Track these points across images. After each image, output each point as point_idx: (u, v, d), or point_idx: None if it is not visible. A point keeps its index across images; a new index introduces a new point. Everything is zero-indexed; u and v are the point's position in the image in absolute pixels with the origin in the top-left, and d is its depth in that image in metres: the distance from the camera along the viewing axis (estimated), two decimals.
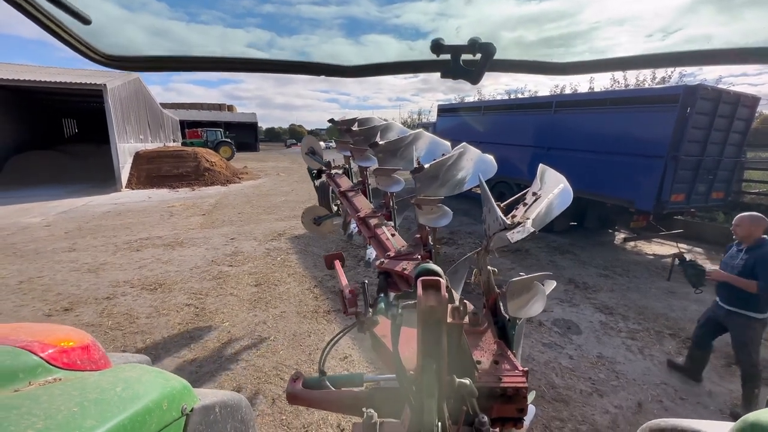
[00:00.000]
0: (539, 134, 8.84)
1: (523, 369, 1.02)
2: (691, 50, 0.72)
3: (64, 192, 12.47)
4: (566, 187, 1.43)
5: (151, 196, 12.36)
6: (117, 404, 0.62)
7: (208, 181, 15.36)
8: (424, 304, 0.76)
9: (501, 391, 0.97)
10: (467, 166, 1.61)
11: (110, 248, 6.75)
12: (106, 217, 9.29)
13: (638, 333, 4.20)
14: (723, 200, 7.55)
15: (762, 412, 0.64)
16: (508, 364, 1.04)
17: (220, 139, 28.21)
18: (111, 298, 4.77)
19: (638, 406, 3.05)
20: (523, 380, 0.98)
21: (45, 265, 5.85)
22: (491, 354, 1.08)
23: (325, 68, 0.83)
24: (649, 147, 6.46)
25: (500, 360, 1.06)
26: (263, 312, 4.47)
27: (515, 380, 0.98)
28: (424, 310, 0.76)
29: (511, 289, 1.15)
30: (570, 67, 0.80)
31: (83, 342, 0.81)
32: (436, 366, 0.78)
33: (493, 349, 1.11)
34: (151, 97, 20.54)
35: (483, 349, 1.10)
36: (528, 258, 6.77)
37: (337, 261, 1.63)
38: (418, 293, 0.78)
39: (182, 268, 5.81)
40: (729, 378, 3.43)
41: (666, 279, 4.44)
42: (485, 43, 0.71)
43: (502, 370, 1.02)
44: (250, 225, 8.64)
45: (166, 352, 3.64)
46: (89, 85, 12.90)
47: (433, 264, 0.97)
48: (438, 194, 1.51)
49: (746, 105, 6.87)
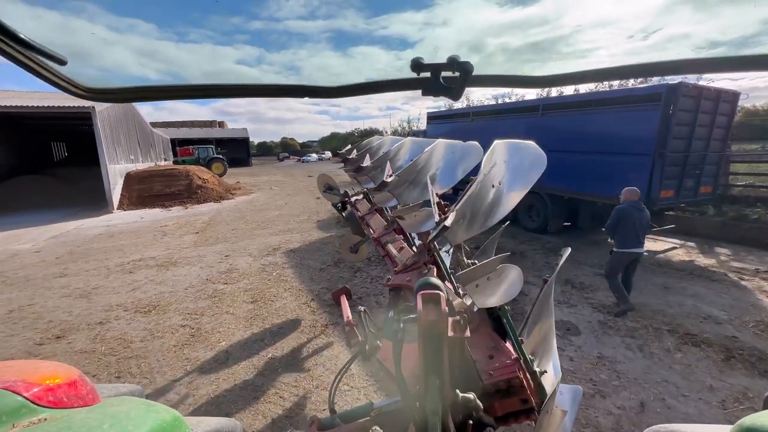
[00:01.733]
0: (528, 137, 8.89)
1: (515, 357, 1.00)
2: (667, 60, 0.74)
3: (54, 216, 12.32)
4: (522, 156, 1.38)
5: (143, 217, 12.25)
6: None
7: (200, 198, 15.28)
8: (424, 318, 0.75)
9: (493, 387, 0.95)
10: (438, 164, 1.61)
11: (102, 272, 6.65)
12: (98, 239, 9.17)
13: (637, 331, 4.20)
14: (711, 194, 7.67)
15: (759, 414, 0.64)
16: (502, 356, 1.02)
17: (212, 155, 28.18)
18: (104, 322, 4.68)
19: (641, 405, 3.04)
20: (512, 370, 0.96)
21: (35, 293, 5.73)
22: (487, 349, 1.07)
23: (310, 90, 0.84)
24: (635, 145, 6.56)
25: (495, 353, 1.04)
26: (260, 329, 4.41)
27: (505, 372, 0.96)
28: (424, 324, 0.75)
29: (463, 281, 1.11)
30: (546, 81, 0.82)
31: (70, 378, 0.79)
32: (439, 382, 0.77)
33: (488, 343, 1.09)
34: (140, 117, 20.51)
35: (478, 346, 1.09)
36: (524, 260, 6.78)
37: (342, 296, 1.63)
38: (417, 308, 0.77)
39: (176, 289, 5.74)
40: (729, 372, 3.44)
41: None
42: (463, 61, 0.72)
43: (494, 364, 1.00)
44: (245, 241, 8.58)
45: (161, 376, 3.56)
46: (77, 108, 12.85)
47: (433, 277, 0.97)
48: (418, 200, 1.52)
49: (727, 100, 7.04)
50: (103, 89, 0.73)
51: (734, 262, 6.48)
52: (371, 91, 0.85)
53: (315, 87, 0.83)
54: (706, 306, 4.78)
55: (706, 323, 4.35)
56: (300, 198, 15.49)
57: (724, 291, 5.26)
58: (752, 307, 4.72)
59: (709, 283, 5.55)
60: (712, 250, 7.22)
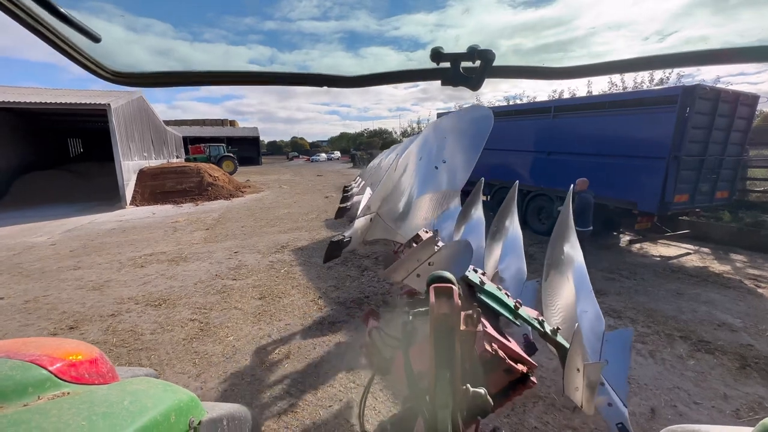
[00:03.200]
0: (539, 139, 8.87)
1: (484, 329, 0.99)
2: (689, 51, 0.72)
3: (69, 211, 12.59)
4: (463, 122, 1.38)
5: (155, 212, 12.44)
6: (125, 417, 0.61)
7: (211, 195, 15.47)
8: (436, 311, 0.75)
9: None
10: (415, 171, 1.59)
11: (115, 265, 6.77)
12: (111, 234, 9.34)
13: (648, 336, 4.13)
14: (728, 199, 7.50)
15: None
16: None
17: (223, 153, 28.50)
18: (116, 315, 4.76)
19: (651, 411, 2.98)
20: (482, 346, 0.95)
21: (50, 284, 5.86)
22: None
23: (326, 79, 0.84)
24: (650, 148, 6.45)
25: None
26: (268, 325, 4.44)
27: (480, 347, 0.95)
28: (436, 317, 0.74)
29: (387, 274, 1.09)
30: (568, 72, 0.81)
31: (91, 356, 0.81)
32: (450, 375, 0.76)
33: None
34: (154, 115, 20.86)
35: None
36: (533, 263, 6.71)
37: (369, 317, 1.62)
38: (430, 301, 0.77)
39: (186, 283, 5.81)
40: (743, 381, 3.35)
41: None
42: (484, 50, 0.71)
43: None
44: (254, 238, 8.66)
45: (170, 368, 3.61)
46: (93, 105, 13.13)
47: (446, 271, 0.96)
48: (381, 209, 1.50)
49: (746, 103, 6.88)
50: (128, 73, 0.75)
51: (750, 269, 6.32)
52: (390, 81, 0.85)
53: (332, 76, 0.83)
54: (720, 313, 4.68)
55: (720, 330, 4.25)
56: (309, 197, 15.57)
57: (740, 298, 5.14)
58: None
59: (723, 290, 5.42)
60: (728, 257, 7.05)
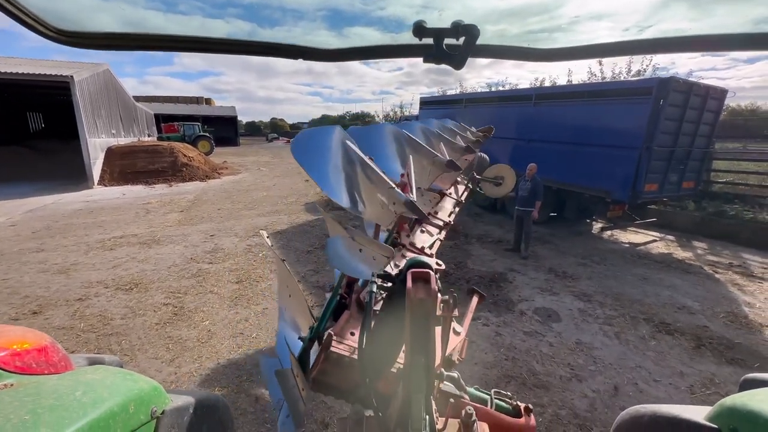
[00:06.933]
0: (520, 126, 8.94)
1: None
2: (665, 37, 0.71)
3: (31, 190, 11.85)
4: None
5: (125, 193, 11.90)
6: (75, 410, 0.57)
7: (186, 176, 14.90)
8: (413, 296, 0.73)
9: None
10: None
11: (82, 248, 6.46)
12: (77, 215, 8.88)
13: (615, 319, 4.34)
14: (693, 189, 7.86)
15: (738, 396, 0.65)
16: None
17: (198, 133, 27.40)
18: (83, 299, 4.57)
19: (615, 389, 3.16)
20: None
21: (11, 267, 5.55)
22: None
23: (302, 51, 0.78)
24: (624, 138, 6.63)
25: None
26: (245, 309, 4.38)
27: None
28: (413, 302, 0.73)
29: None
30: (552, 54, 0.79)
31: (40, 344, 0.75)
32: (425, 360, 0.76)
33: None
34: (123, 90, 19.67)
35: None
36: (510, 248, 6.87)
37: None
38: (407, 286, 0.75)
39: (159, 267, 5.63)
40: (698, 359, 3.59)
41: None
42: (469, 25, 0.68)
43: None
44: (231, 221, 8.45)
45: (143, 353, 3.52)
46: (54, 76, 12.20)
47: (424, 257, 0.94)
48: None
49: (715, 97, 7.14)
50: (77, 32, 0.65)
51: (710, 256, 6.71)
52: (370, 56, 0.80)
53: (310, 48, 0.78)
54: (681, 297, 4.96)
55: (680, 313, 4.52)
56: (288, 180, 15.26)
57: (699, 283, 5.46)
58: (723, 299, 4.92)
59: (685, 275, 5.74)
60: (690, 244, 7.45)
